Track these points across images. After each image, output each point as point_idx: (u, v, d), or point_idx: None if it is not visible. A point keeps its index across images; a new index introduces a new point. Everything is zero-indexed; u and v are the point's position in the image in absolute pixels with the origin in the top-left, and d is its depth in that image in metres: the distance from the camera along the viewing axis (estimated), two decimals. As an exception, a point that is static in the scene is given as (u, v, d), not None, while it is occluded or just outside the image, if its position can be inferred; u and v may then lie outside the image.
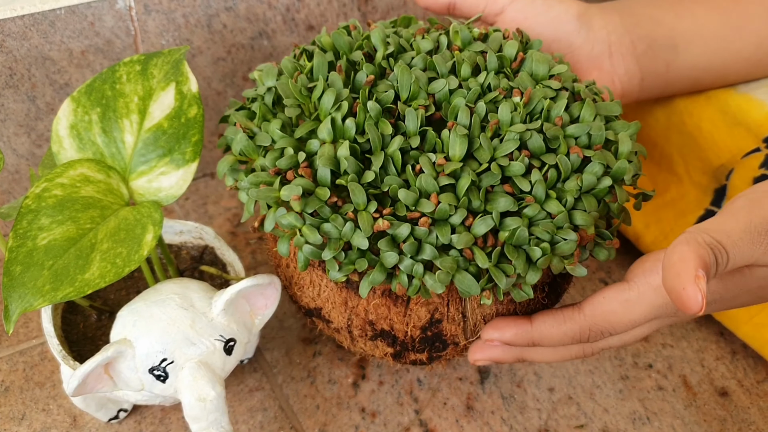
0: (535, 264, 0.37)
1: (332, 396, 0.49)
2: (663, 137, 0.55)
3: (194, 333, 0.39)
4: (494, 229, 0.37)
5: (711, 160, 0.52)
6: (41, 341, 0.51)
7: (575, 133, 0.39)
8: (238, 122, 0.40)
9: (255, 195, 0.37)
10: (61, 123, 0.43)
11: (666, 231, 0.55)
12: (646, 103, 0.55)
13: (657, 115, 0.54)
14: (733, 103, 0.51)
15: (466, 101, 0.39)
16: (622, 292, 0.38)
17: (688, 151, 0.53)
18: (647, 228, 0.56)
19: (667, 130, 0.54)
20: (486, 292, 0.37)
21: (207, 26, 0.58)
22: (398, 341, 0.42)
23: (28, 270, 0.37)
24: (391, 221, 0.36)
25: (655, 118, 0.55)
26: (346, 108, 0.38)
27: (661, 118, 0.54)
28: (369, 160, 0.38)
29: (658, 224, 0.55)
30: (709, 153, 0.52)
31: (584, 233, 0.37)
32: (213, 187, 0.65)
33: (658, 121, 0.55)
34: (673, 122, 0.53)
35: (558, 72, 0.41)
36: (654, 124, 0.55)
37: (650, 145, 0.56)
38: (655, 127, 0.55)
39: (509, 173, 0.37)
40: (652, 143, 0.55)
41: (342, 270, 0.37)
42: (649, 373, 0.52)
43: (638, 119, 0.56)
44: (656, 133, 0.55)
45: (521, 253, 0.36)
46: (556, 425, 0.48)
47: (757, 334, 0.51)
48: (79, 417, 0.47)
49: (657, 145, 0.55)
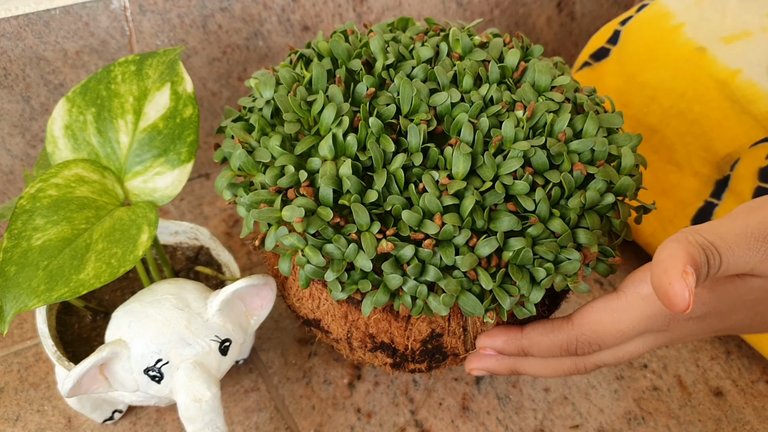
0: (539, 284, 0.36)
1: (328, 396, 0.49)
2: (664, 123, 0.54)
3: (190, 333, 0.39)
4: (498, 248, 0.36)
5: (717, 149, 0.51)
6: (36, 342, 0.51)
7: (579, 149, 0.38)
8: (237, 137, 0.40)
9: (256, 216, 0.37)
10: (55, 123, 0.43)
11: (665, 223, 0.54)
12: (648, 87, 0.55)
13: (660, 101, 0.54)
14: (739, 93, 0.50)
15: (469, 116, 0.38)
16: (610, 302, 0.37)
17: (692, 139, 0.52)
18: (645, 219, 0.55)
19: (669, 116, 0.53)
20: (490, 312, 0.37)
21: (202, 27, 0.58)
22: (398, 353, 0.42)
23: (23, 270, 0.37)
24: (395, 242, 0.35)
25: (658, 103, 0.54)
26: (347, 123, 0.37)
27: (664, 103, 0.54)
28: (371, 176, 0.37)
29: (656, 215, 0.55)
30: (716, 142, 0.51)
31: (587, 252, 0.37)
32: (208, 188, 0.65)
33: (660, 107, 0.54)
34: (678, 109, 0.53)
35: (560, 84, 0.41)
36: (656, 109, 0.54)
37: (649, 132, 0.55)
38: (657, 112, 0.54)
39: (513, 192, 0.36)
40: (652, 129, 0.55)
41: (345, 290, 0.36)
42: (644, 373, 0.52)
43: (639, 105, 0.55)
44: (657, 119, 0.54)
45: (525, 274, 0.36)
46: (551, 425, 0.48)
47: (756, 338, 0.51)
48: (73, 418, 0.47)
49: (657, 131, 0.54)
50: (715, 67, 0.51)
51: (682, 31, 0.54)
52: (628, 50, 0.57)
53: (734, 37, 0.52)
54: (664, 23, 0.55)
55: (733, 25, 0.53)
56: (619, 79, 0.57)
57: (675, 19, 0.55)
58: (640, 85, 0.55)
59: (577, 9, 0.77)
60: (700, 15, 0.54)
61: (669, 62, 0.54)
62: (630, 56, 0.57)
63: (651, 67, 0.55)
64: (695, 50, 0.52)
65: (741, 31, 0.53)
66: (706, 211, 0.52)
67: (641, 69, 0.55)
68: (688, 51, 0.53)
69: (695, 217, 0.53)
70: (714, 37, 0.53)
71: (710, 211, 0.52)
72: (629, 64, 0.57)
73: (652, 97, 0.54)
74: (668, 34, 0.54)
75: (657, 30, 0.55)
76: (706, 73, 0.52)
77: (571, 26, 0.78)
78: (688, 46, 0.53)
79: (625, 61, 0.57)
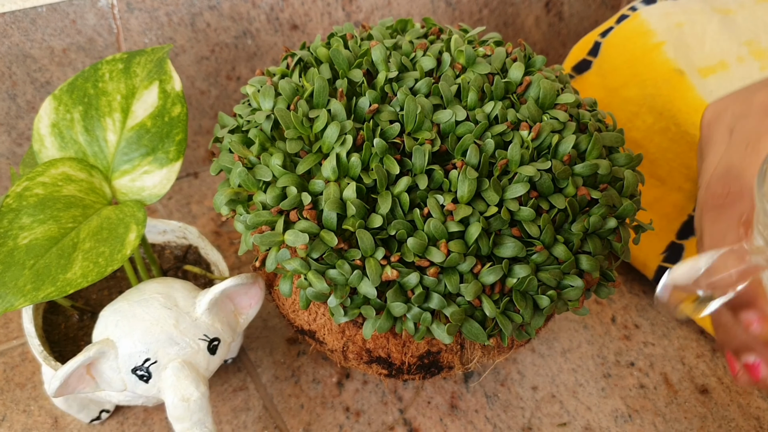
0: (541, 310, 0.37)
1: (316, 395, 0.49)
2: (648, 139, 0.55)
3: (178, 333, 0.39)
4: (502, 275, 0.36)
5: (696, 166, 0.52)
6: (22, 342, 0.51)
7: (583, 172, 0.38)
8: (236, 152, 0.38)
9: (258, 240, 0.36)
10: (42, 121, 0.43)
11: (651, 236, 0.55)
12: (632, 103, 0.56)
13: (644, 117, 0.55)
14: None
15: (474, 136, 0.38)
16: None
17: (673, 155, 0.53)
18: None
19: (653, 132, 0.55)
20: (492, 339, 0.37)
21: (190, 25, 0.58)
22: (394, 367, 0.42)
23: (9, 269, 0.36)
24: (399, 269, 0.35)
25: (642, 119, 0.55)
26: (351, 143, 0.37)
27: (648, 120, 0.55)
28: (374, 198, 0.37)
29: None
30: (695, 161, 0.52)
31: (589, 277, 0.37)
32: (196, 187, 0.65)
33: (644, 123, 0.55)
34: (660, 126, 0.54)
35: (564, 101, 0.40)
36: (640, 125, 0.55)
37: (634, 146, 0.56)
38: (641, 128, 0.55)
39: (518, 217, 0.36)
40: (636, 144, 0.56)
41: (347, 315, 0.36)
42: (631, 371, 0.52)
43: (623, 119, 0.56)
44: (641, 134, 0.55)
45: (529, 301, 0.36)
46: (539, 423, 0.49)
47: None
48: (60, 418, 0.46)
49: (641, 146, 0.55)
50: (692, 93, 0.52)
51: (662, 49, 0.54)
52: (609, 64, 0.58)
53: (710, 70, 0.53)
54: (646, 40, 0.55)
55: (711, 54, 0.53)
56: (601, 92, 0.58)
57: (656, 37, 0.55)
58: (623, 100, 0.56)
59: (565, 9, 0.77)
60: (679, 38, 0.54)
61: (649, 79, 0.54)
62: (612, 70, 0.57)
63: (633, 82, 0.55)
64: (674, 71, 0.53)
65: (718, 62, 0.53)
66: (690, 225, 0.53)
67: (624, 84, 0.56)
68: (668, 71, 0.53)
69: (680, 231, 0.53)
70: (691, 65, 0.53)
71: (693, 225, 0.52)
72: (611, 78, 0.57)
73: (635, 113, 0.55)
74: (649, 51, 0.55)
75: (639, 46, 0.56)
76: (684, 97, 0.52)
77: (559, 26, 0.78)
78: (668, 65, 0.53)
79: (607, 74, 0.58)
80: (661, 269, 0.55)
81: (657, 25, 0.56)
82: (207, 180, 0.65)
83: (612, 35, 0.59)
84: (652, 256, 0.55)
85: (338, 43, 0.42)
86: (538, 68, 0.43)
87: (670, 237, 0.54)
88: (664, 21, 0.56)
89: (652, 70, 0.54)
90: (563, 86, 0.43)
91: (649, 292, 0.58)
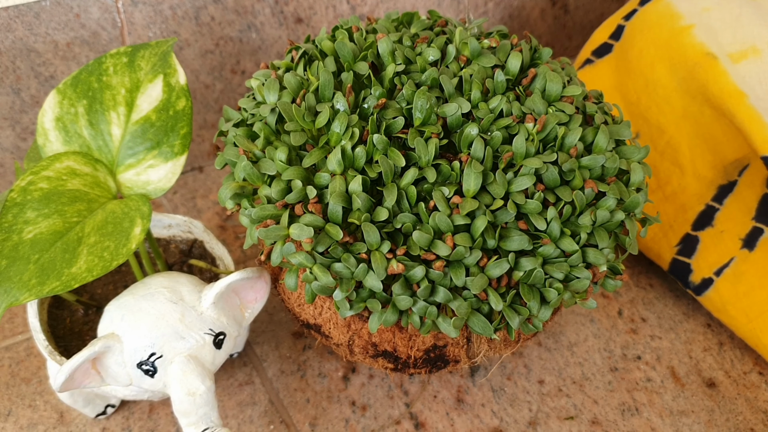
0: (548, 303, 0.36)
1: (322, 389, 0.49)
2: (674, 124, 0.53)
3: (183, 327, 0.39)
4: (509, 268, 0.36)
5: (726, 153, 0.51)
6: (27, 336, 0.51)
7: (590, 164, 0.38)
8: (240, 146, 0.39)
9: (263, 234, 0.36)
10: (46, 115, 0.42)
11: (665, 228, 0.54)
12: (661, 86, 0.54)
13: (674, 102, 0.53)
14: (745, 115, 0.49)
15: (479, 130, 0.37)
16: None
17: (700, 141, 0.52)
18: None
19: (681, 118, 0.53)
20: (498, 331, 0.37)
21: (195, 18, 0.58)
22: (400, 360, 0.42)
23: (14, 264, 0.36)
24: (405, 262, 0.35)
25: (671, 105, 0.53)
26: (357, 136, 0.37)
27: (677, 104, 0.53)
28: (379, 191, 0.37)
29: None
30: (726, 146, 0.51)
31: (596, 270, 0.37)
32: (201, 181, 0.65)
33: (673, 108, 0.53)
34: (693, 110, 0.52)
35: (571, 93, 0.40)
36: (668, 110, 0.54)
37: (657, 132, 0.55)
38: (668, 112, 0.54)
39: (525, 210, 0.36)
40: (660, 129, 0.54)
41: (353, 308, 0.36)
42: (638, 364, 0.52)
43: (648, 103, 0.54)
44: (667, 119, 0.54)
45: (536, 293, 0.36)
46: (545, 417, 0.49)
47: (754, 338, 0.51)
48: (66, 413, 0.46)
49: (665, 131, 0.54)
50: (725, 79, 0.50)
51: (692, 33, 0.53)
52: (634, 47, 0.56)
53: (741, 55, 0.51)
54: (673, 23, 0.54)
55: (743, 39, 0.52)
56: (623, 76, 0.57)
57: (684, 20, 0.54)
58: (651, 84, 0.54)
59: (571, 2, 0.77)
60: (709, 23, 0.53)
61: (680, 63, 0.53)
62: (638, 53, 0.56)
63: (662, 65, 0.54)
64: (706, 55, 0.52)
65: (749, 47, 0.52)
66: (707, 214, 0.52)
67: (651, 66, 0.55)
68: (699, 54, 0.52)
69: (695, 222, 0.53)
70: (722, 50, 0.52)
71: (711, 215, 0.52)
72: (636, 61, 0.56)
73: (664, 98, 0.54)
74: (677, 34, 0.53)
75: (666, 29, 0.54)
76: (717, 81, 0.51)
77: (564, 19, 0.78)
78: (699, 49, 0.52)
79: (630, 57, 0.57)
80: (675, 261, 0.54)
81: (684, 7, 0.54)
82: (212, 174, 0.65)
83: (636, 18, 0.57)
84: (666, 248, 0.54)
85: (343, 35, 0.42)
86: (545, 60, 0.43)
87: (685, 228, 0.53)
88: (691, 4, 0.54)
89: (682, 54, 0.53)
90: (569, 78, 0.43)
91: (657, 286, 0.57)
